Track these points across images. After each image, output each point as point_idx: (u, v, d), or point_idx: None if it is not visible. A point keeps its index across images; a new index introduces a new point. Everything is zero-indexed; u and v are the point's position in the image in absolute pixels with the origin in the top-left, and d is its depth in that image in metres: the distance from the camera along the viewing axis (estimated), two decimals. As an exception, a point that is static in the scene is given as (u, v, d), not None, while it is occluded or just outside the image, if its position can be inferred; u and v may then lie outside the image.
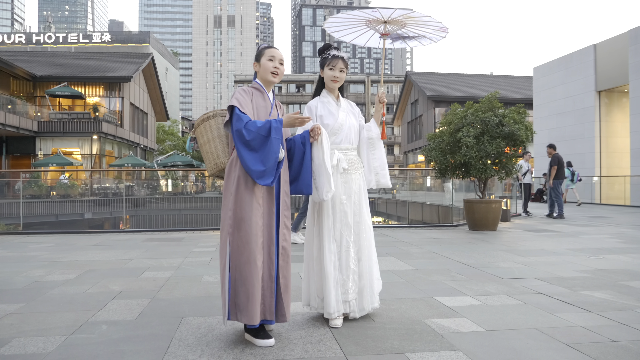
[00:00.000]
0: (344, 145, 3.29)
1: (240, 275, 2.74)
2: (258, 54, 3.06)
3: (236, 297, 2.75)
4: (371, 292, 3.22)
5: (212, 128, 2.98)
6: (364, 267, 3.19)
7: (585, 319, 3.26)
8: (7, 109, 25.63)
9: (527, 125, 8.94)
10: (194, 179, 25.25)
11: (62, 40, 66.12)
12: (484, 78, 41.60)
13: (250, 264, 2.73)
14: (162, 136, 54.40)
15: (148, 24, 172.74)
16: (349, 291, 3.14)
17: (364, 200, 3.27)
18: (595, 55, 19.79)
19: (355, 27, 3.89)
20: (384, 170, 3.40)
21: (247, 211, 2.77)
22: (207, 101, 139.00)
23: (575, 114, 20.70)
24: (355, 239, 3.20)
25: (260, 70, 3.02)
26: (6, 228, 13.06)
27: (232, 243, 2.77)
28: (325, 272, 3.11)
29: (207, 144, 2.98)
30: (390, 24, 3.74)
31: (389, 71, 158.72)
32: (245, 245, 2.75)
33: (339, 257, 3.15)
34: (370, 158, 3.39)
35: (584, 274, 4.81)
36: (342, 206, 3.19)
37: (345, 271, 3.14)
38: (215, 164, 2.96)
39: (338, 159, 3.22)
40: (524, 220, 11.16)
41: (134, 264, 5.57)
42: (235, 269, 2.75)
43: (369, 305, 3.22)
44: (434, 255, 6.06)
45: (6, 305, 3.72)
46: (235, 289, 2.75)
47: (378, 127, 3.38)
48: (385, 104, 3.44)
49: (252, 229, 2.75)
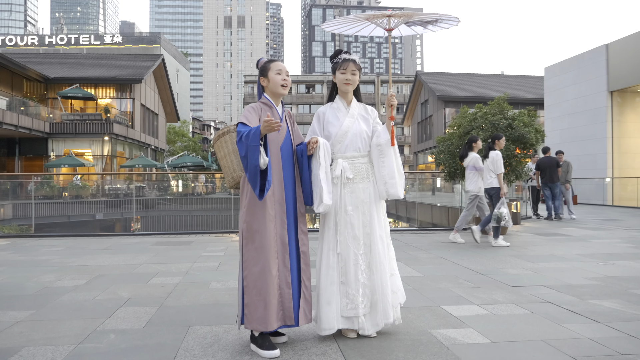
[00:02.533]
0: (349, 153, 3.17)
1: (255, 285, 2.83)
2: (263, 69, 3.10)
3: (251, 305, 2.81)
4: (385, 307, 3.05)
5: (227, 143, 3.06)
6: (377, 281, 3.05)
7: (594, 330, 3.23)
8: (20, 110, 25.91)
9: (537, 127, 8.88)
10: (204, 180, 25.38)
11: (74, 42, 66.74)
12: (494, 78, 41.33)
13: (265, 274, 2.82)
14: (173, 137, 54.70)
15: (159, 25, 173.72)
16: (359, 306, 3.01)
17: (375, 210, 3.13)
18: (607, 55, 19.58)
19: (357, 23, 3.70)
20: (392, 179, 3.13)
21: (260, 223, 2.87)
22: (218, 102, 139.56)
23: (587, 114, 20.51)
24: (366, 250, 3.08)
25: (269, 85, 3.06)
26: (19, 229, 13.22)
27: (247, 254, 2.88)
28: (320, 287, 3.07)
29: (224, 158, 3.08)
30: (395, 17, 3.52)
31: (399, 71, 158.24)
32: (260, 255, 2.84)
33: (344, 271, 3.05)
34: (380, 166, 3.16)
35: (594, 281, 4.77)
36: (348, 217, 3.09)
37: (355, 285, 3.02)
38: (232, 177, 3.06)
39: (342, 168, 3.12)
40: (534, 224, 11.08)
41: (143, 269, 5.61)
42: (249, 278, 2.84)
43: (382, 321, 3.06)
44: (442, 260, 6.04)
45: (17, 312, 3.77)
46: (251, 297, 2.82)
47: (387, 133, 3.18)
48: (395, 106, 3.19)
49: (266, 239, 2.85)
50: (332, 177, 3.12)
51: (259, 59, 3.20)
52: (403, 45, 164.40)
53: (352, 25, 3.71)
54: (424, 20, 3.60)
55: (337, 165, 3.14)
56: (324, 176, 3.00)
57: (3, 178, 17.05)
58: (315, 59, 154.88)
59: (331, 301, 3.02)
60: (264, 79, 3.09)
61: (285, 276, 2.90)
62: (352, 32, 3.86)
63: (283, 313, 2.88)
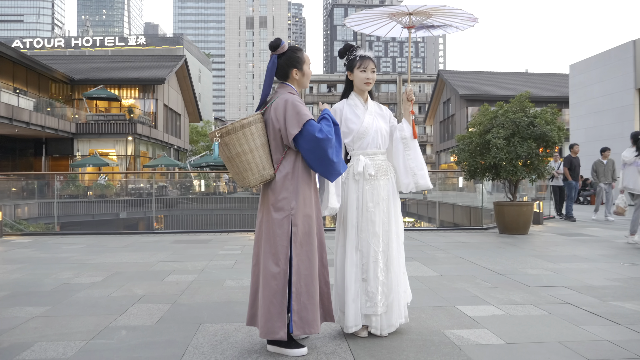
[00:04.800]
0: (370, 150, 3.14)
1: (306, 290, 2.74)
2: (297, 60, 2.89)
3: (303, 310, 2.72)
4: (399, 306, 3.06)
5: (254, 136, 2.75)
6: (393, 279, 3.04)
7: (613, 332, 3.13)
8: (46, 111, 26.45)
9: (560, 125, 8.69)
10: (227, 179, 25.53)
11: (99, 44, 67.88)
12: (518, 76, 40.67)
13: (313, 277, 2.77)
14: (196, 137, 55.17)
15: (182, 26, 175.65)
16: (378, 304, 2.98)
17: (392, 208, 3.12)
18: (634, 52, 19.09)
19: (378, 20, 3.73)
20: (422, 170, 3.19)
21: (310, 225, 2.79)
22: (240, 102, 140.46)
23: (614, 112, 20.04)
24: (384, 248, 3.06)
25: (303, 79, 2.93)
26: (45, 228, 13.47)
27: (297, 258, 2.74)
28: (345, 285, 3.03)
29: (248, 153, 2.73)
30: (415, 15, 3.54)
31: (422, 70, 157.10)
32: (311, 258, 2.77)
33: (365, 268, 3.02)
34: (406, 159, 3.19)
35: (616, 282, 4.63)
36: (369, 214, 3.05)
37: (374, 283, 2.99)
38: (262, 175, 2.76)
39: (364, 165, 3.08)
40: (557, 224, 10.85)
41: (159, 266, 5.65)
42: (300, 283, 2.74)
43: (397, 321, 3.06)
44: (460, 260, 5.95)
45: (33, 308, 3.82)
46: (302, 302, 2.72)
47: (410, 126, 3.23)
48: (414, 102, 3.27)
49: (315, 241, 2.80)
50: (354, 174, 3.09)
51: (276, 40, 2.89)
52: (425, 44, 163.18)
53: (373, 23, 3.73)
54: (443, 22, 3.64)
55: (359, 162, 3.10)
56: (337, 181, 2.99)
57: (27, 177, 17.40)
58: (336, 58, 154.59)
59: (355, 298, 3.01)
60: (297, 71, 2.90)
61: (324, 275, 2.88)
62: (370, 32, 3.86)
63: (323, 311, 2.87)
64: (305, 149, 2.74)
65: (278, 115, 2.77)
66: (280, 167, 2.80)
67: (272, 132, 2.80)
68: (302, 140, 2.71)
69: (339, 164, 2.78)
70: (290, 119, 2.72)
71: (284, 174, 2.78)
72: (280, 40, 2.89)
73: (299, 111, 2.73)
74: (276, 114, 2.78)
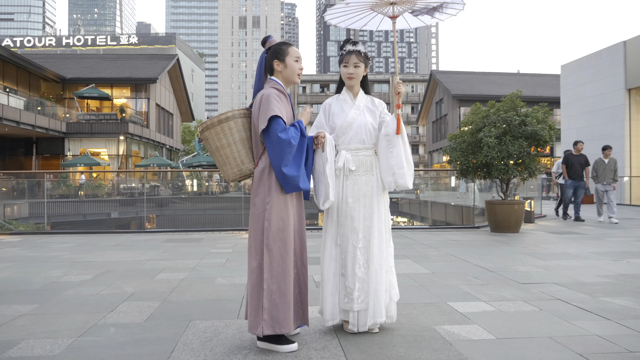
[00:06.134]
0: (353, 145, 3.10)
1: (278, 287, 2.69)
2: (279, 51, 2.88)
3: (274, 309, 2.67)
4: (379, 304, 2.97)
5: (233, 131, 2.79)
6: (372, 277, 2.97)
7: (603, 327, 3.14)
8: (37, 110, 26.26)
9: (551, 124, 8.72)
10: (218, 179, 25.45)
11: (90, 43, 67.58)
12: (510, 76, 40.86)
13: (287, 274, 2.71)
14: (188, 136, 55.01)
15: (175, 26, 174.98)
16: (355, 300, 2.95)
17: (375, 204, 3.06)
18: (625, 52, 19.22)
19: (359, 13, 3.55)
20: (401, 169, 3.04)
21: (284, 220, 2.73)
22: (233, 101, 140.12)
23: (605, 112, 20.16)
24: (365, 244, 3.01)
25: (285, 71, 2.88)
26: (35, 227, 13.36)
27: (270, 254, 2.70)
28: (323, 278, 3.04)
29: (226, 147, 2.79)
30: (398, 5, 3.37)
31: (414, 70, 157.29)
32: (284, 255, 2.72)
33: (344, 263, 3.01)
34: (388, 157, 3.08)
35: (606, 279, 4.65)
36: (349, 209, 3.03)
37: (352, 278, 2.97)
38: (240, 169, 2.81)
39: (345, 160, 3.05)
40: (548, 222, 10.90)
41: (150, 265, 5.61)
42: (272, 280, 2.69)
43: (377, 319, 2.97)
44: (452, 258, 5.95)
45: (21, 306, 3.78)
46: (273, 300, 2.68)
47: (395, 122, 3.09)
48: (401, 97, 3.12)
49: (289, 238, 2.74)
50: (336, 169, 3.05)
51: (266, 36, 2.93)
52: (418, 45, 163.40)
53: (354, 16, 3.58)
54: (429, 7, 3.47)
55: (340, 157, 3.06)
56: (330, 172, 2.95)
57: (17, 177, 17.25)
58: (330, 58, 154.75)
59: (333, 292, 3.00)
60: (279, 63, 2.87)
61: (303, 274, 2.84)
62: (358, 27, 3.74)
63: (302, 313, 2.82)
64: (268, 146, 2.74)
65: (254, 109, 2.81)
66: (259, 162, 2.80)
67: (253, 127, 2.82)
68: (267, 136, 2.72)
69: (296, 177, 2.70)
70: (261, 114, 2.73)
71: (261, 168, 2.78)
72: (270, 36, 2.92)
73: (269, 106, 2.71)
74: (254, 108, 2.81)
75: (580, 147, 11.23)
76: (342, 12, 3.53)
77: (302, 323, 2.85)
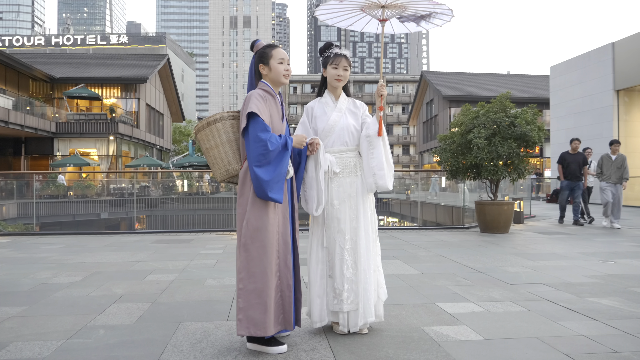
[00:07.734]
0: (336, 147, 3.12)
1: (255, 288, 2.67)
2: (263, 55, 2.90)
3: (250, 309, 2.65)
4: (368, 304, 3.00)
5: (220, 132, 2.83)
6: (361, 277, 2.99)
7: (590, 327, 3.18)
8: (25, 110, 26.03)
9: (540, 125, 8.80)
10: (209, 180, 25.38)
11: (80, 42, 67.13)
12: (500, 77, 41.12)
13: (266, 275, 2.68)
14: (178, 137, 54.79)
15: (165, 25, 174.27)
16: (345, 301, 2.96)
17: (361, 204, 3.08)
18: (613, 54, 19.42)
19: (349, 13, 3.57)
20: (381, 170, 3.06)
21: (263, 220, 2.70)
22: (224, 102, 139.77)
23: (593, 113, 20.35)
24: (352, 245, 3.03)
25: (271, 74, 2.89)
26: (24, 228, 13.26)
27: (247, 254, 2.70)
28: (310, 280, 3.06)
29: (214, 148, 2.84)
30: (389, 8, 3.40)
31: (405, 71, 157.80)
32: (262, 256, 2.69)
33: (331, 265, 3.03)
34: (369, 158, 3.10)
35: (594, 279, 4.70)
36: (334, 211, 3.05)
37: (340, 280, 2.98)
38: (227, 170, 2.84)
39: (329, 163, 3.06)
40: (538, 223, 10.99)
41: (140, 266, 5.60)
42: (249, 280, 2.67)
43: (367, 319, 3.00)
44: (441, 258, 5.99)
45: (9, 308, 3.75)
46: (249, 301, 2.66)
47: (377, 124, 3.12)
48: (385, 96, 3.16)
49: (268, 238, 2.70)
50: None
51: (254, 40, 2.97)
52: (409, 45, 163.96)
53: (345, 16, 3.59)
54: (417, 15, 3.50)
55: (324, 161, 3.08)
56: (322, 179, 2.98)
57: (5, 177, 17.10)
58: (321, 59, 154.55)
59: (321, 294, 3.02)
60: (264, 66, 2.89)
61: (287, 277, 2.79)
62: (344, 26, 3.75)
63: (284, 317, 2.78)
64: (245, 143, 2.74)
65: (241, 111, 2.83)
66: (244, 163, 2.80)
67: (240, 128, 2.83)
68: (245, 133, 2.73)
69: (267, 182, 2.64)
70: (242, 113, 2.77)
71: (245, 169, 2.77)
72: (257, 40, 2.95)
73: (248, 105, 2.73)
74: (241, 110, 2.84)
75: (576, 145, 10.86)
76: (333, 9, 3.54)
77: (285, 328, 2.80)
